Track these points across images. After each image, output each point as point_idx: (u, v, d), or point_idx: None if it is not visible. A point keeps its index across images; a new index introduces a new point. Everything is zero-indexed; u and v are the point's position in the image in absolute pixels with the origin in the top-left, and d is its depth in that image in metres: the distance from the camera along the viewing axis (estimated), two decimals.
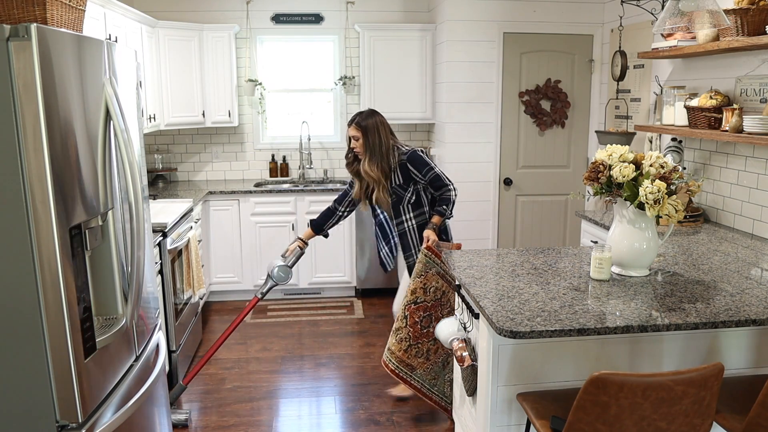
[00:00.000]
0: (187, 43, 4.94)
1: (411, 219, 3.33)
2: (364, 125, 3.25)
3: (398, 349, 3.14)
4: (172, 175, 5.53)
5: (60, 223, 1.74)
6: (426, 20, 5.42)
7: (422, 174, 3.27)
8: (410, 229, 3.34)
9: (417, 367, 3.17)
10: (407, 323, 3.13)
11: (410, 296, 3.12)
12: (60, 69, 1.74)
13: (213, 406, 3.44)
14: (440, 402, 3.22)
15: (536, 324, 2.00)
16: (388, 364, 3.16)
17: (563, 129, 5.10)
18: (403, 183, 3.28)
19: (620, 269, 2.54)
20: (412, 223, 3.34)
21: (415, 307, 3.12)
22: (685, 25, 2.70)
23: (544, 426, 1.94)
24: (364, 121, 3.26)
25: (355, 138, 3.28)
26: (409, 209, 3.32)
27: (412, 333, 3.14)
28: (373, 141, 3.25)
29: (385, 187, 3.30)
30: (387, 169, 3.28)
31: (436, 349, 3.19)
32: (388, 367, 3.17)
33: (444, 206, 3.29)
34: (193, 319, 4.14)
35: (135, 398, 2.14)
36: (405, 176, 3.28)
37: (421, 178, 3.28)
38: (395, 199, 3.31)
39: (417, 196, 3.32)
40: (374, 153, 3.26)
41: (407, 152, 3.29)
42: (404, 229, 3.34)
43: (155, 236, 3.39)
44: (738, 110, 3.04)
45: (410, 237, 3.35)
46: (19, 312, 1.75)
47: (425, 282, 3.11)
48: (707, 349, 2.38)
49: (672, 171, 2.40)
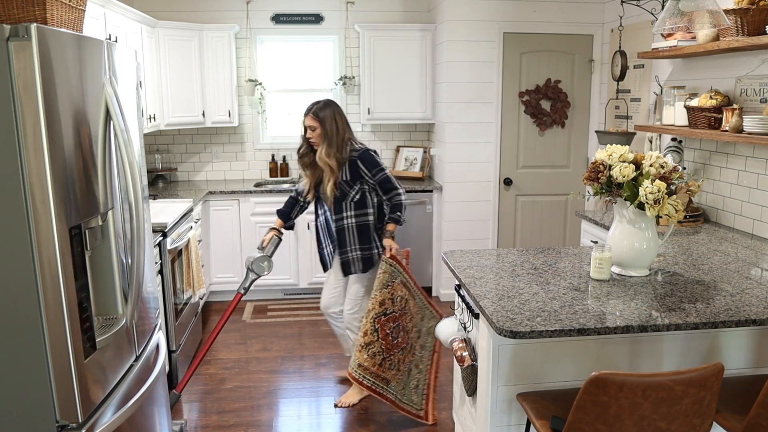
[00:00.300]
0: (187, 43, 4.94)
1: (351, 217, 3.32)
2: (322, 115, 3.24)
3: (372, 365, 3.08)
4: (172, 175, 5.53)
5: (60, 223, 1.74)
6: (426, 20, 5.42)
7: (372, 174, 3.28)
8: (349, 227, 3.32)
9: (390, 379, 3.15)
10: (378, 336, 3.08)
11: (379, 308, 3.08)
12: (60, 69, 1.74)
13: (213, 406, 3.44)
14: (411, 411, 3.21)
15: (536, 324, 2.00)
16: (363, 381, 3.08)
17: (563, 129, 5.10)
18: (350, 180, 3.27)
19: (620, 269, 2.54)
20: (352, 221, 3.32)
21: (385, 318, 3.09)
22: (685, 25, 2.70)
23: (544, 426, 1.94)
24: (321, 111, 3.25)
25: (312, 128, 3.27)
26: (351, 207, 3.31)
27: (384, 346, 3.11)
28: (331, 130, 3.24)
29: (336, 178, 3.26)
30: (340, 160, 3.26)
31: (404, 358, 3.19)
32: (362, 383, 3.08)
33: (398, 213, 3.30)
34: (193, 319, 4.14)
35: (135, 398, 2.14)
36: (353, 173, 3.27)
37: (370, 178, 3.28)
38: (339, 194, 3.29)
39: (362, 196, 3.31)
40: (331, 142, 3.24)
41: (359, 150, 3.29)
42: (343, 225, 3.33)
43: (155, 236, 3.38)
44: (738, 110, 3.04)
45: (348, 234, 3.34)
46: (19, 312, 1.75)
47: (392, 292, 3.09)
48: (707, 349, 2.38)
49: (672, 171, 2.40)
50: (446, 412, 3.36)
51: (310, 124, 3.27)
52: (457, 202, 5.05)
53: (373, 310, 3.09)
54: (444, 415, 3.33)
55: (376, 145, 5.66)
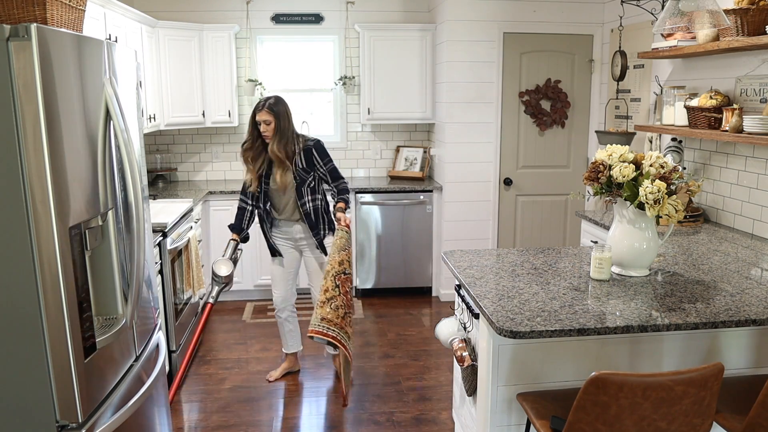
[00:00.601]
0: (187, 43, 4.94)
1: (310, 201, 3.58)
2: (276, 110, 3.46)
3: (336, 317, 3.33)
4: (172, 175, 5.52)
5: (60, 223, 1.74)
6: (426, 20, 5.42)
7: (323, 162, 3.56)
8: (313, 210, 3.59)
9: (350, 333, 3.45)
10: (340, 292, 3.37)
11: (338, 267, 3.38)
12: (60, 69, 1.74)
13: (213, 406, 3.44)
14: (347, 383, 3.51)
15: (536, 324, 2.00)
16: (328, 332, 3.30)
17: (563, 129, 5.10)
18: (306, 167, 3.53)
19: (620, 269, 2.54)
20: (311, 204, 3.59)
21: (344, 277, 3.40)
22: (685, 25, 2.70)
23: (544, 426, 1.94)
24: (275, 106, 3.47)
25: (267, 122, 3.46)
26: (309, 192, 3.57)
27: (345, 301, 3.39)
28: (284, 125, 3.47)
29: (288, 168, 3.50)
30: (291, 153, 3.49)
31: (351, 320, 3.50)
32: (327, 335, 3.30)
33: (347, 195, 3.63)
34: (193, 319, 4.14)
35: (135, 398, 2.14)
36: (308, 161, 3.53)
37: (321, 167, 3.56)
38: (299, 181, 3.53)
39: (316, 182, 3.60)
40: (283, 136, 3.47)
41: (313, 140, 3.58)
42: (308, 209, 3.58)
43: (155, 236, 3.39)
44: (738, 110, 3.04)
45: (315, 216, 3.60)
46: (19, 312, 1.75)
47: (348, 255, 3.45)
48: (707, 349, 2.38)
49: (672, 171, 2.40)
50: (446, 412, 3.36)
51: (265, 119, 3.46)
52: (457, 202, 5.05)
53: (332, 270, 3.37)
54: (444, 415, 3.33)
55: (376, 145, 5.67)
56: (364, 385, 3.69)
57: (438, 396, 3.53)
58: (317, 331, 3.28)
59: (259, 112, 3.46)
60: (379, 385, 3.67)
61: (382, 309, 4.93)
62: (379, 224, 5.14)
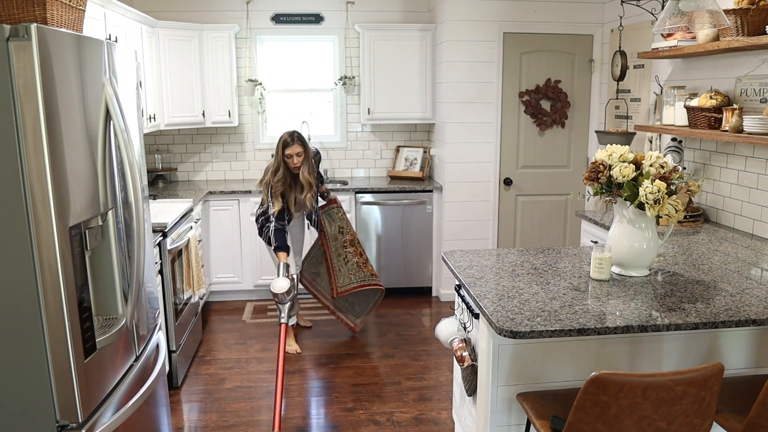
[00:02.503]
0: (187, 43, 4.94)
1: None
2: (303, 140, 3.80)
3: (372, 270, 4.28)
4: (172, 175, 5.52)
5: (60, 223, 1.74)
6: (426, 20, 5.42)
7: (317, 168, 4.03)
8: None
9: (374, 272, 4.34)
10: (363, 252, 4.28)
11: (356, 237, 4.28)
12: (60, 69, 1.74)
13: (213, 406, 3.44)
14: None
15: (536, 324, 2.00)
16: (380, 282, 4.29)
17: (563, 129, 5.10)
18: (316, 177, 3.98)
19: (620, 269, 2.54)
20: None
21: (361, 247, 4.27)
22: (685, 25, 2.70)
23: (544, 426, 1.94)
24: (300, 137, 3.80)
25: (299, 154, 3.77)
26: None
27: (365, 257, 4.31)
28: (309, 151, 3.85)
29: (315, 190, 3.90)
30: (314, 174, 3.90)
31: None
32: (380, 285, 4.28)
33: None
34: (193, 319, 4.14)
35: (135, 398, 2.14)
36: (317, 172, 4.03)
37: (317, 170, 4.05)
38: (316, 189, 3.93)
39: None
40: (308, 161, 3.83)
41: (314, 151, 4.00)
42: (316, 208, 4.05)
43: (155, 236, 3.38)
44: (738, 110, 3.04)
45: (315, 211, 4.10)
46: (19, 312, 1.75)
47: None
48: (707, 349, 2.38)
49: (672, 171, 2.40)
50: (446, 412, 3.36)
51: (297, 151, 3.75)
52: (457, 202, 5.05)
53: (356, 238, 4.27)
54: (444, 415, 3.33)
55: (376, 145, 5.67)
56: (364, 384, 3.69)
57: (438, 396, 3.53)
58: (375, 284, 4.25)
59: (290, 146, 3.74)
60: (379, 385, 3.67)
61: (382, 309, 4.93)
62: (379, 224, 5.14)
